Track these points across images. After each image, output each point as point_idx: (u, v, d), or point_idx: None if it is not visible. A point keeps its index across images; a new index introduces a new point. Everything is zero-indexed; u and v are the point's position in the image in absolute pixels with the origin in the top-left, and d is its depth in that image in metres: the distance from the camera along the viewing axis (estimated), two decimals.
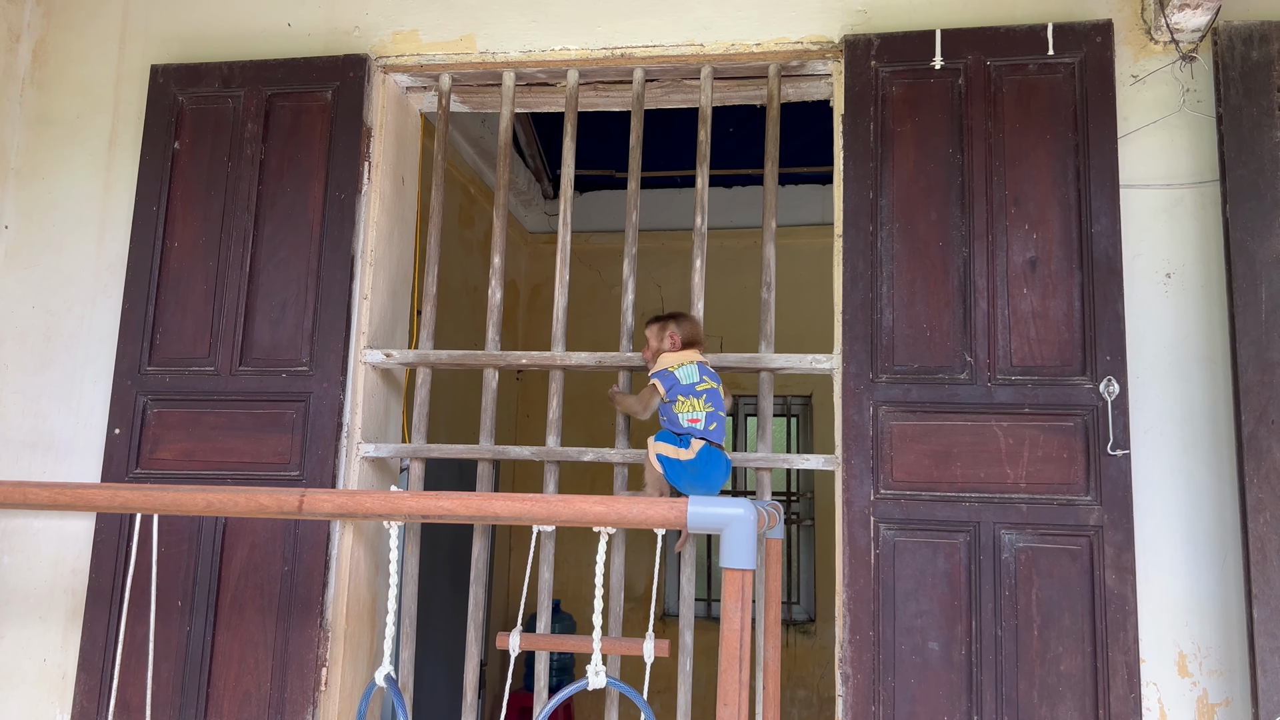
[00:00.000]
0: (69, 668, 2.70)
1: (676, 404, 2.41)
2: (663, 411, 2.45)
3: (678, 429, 2.40)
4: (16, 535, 2.80)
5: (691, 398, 2.44)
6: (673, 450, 2.39)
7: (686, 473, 2.38)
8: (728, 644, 1.43)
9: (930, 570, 2.40)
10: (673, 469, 2.39)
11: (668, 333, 2.51)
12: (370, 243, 2.81)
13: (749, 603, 1.45)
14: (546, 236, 6.57)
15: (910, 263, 2.52)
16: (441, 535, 3.85)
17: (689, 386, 2.44)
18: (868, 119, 2.60)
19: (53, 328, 2.89)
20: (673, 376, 2.44)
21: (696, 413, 2.43)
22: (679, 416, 2.40)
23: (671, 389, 2.43)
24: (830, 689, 5.89)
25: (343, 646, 2.63)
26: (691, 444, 2.39)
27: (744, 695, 1.43)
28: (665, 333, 2.51)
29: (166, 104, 2.86)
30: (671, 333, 2.50)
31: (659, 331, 2.53)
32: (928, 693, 2.35)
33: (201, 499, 1.52)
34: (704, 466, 2.38)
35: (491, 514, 1.53)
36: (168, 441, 2.69)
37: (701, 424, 2.42)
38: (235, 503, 1.52)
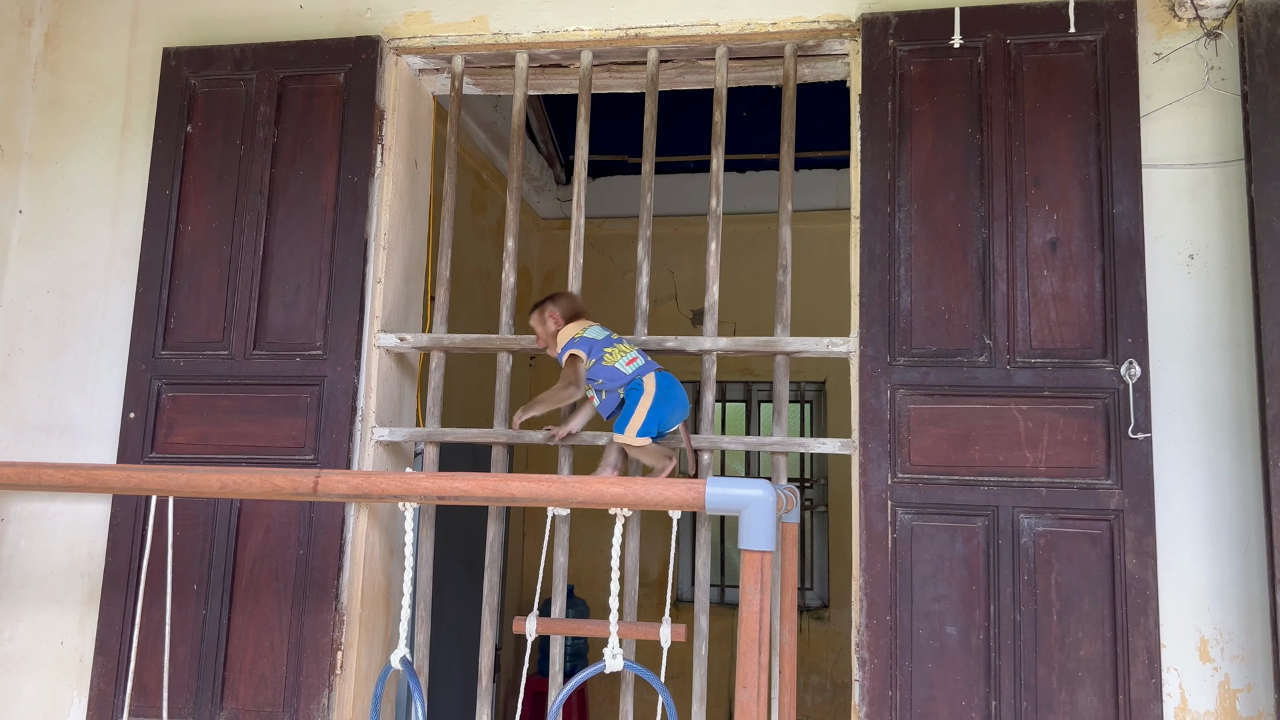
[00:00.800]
0: (86, 651, 2.71)
1: (606, 358, 2.41)
2: (597, 375, 2.42)
3: (622, 381, 2.39)
4: (33, 519, 2.81)
5: (616, 346, 2.45)
6: (640, 412, 2.37)
7: (662, 410, 2.38)
8: (747, 626, 1.41)
9: (948, 554, 2.38)
10: (652, 421, 2.37)
11: (547, 314, 2.52)
12: (383, 226, 2.79)
13: (769, 585, 1.43)
14: (559, 222, 6.55)
15: (929, 244, 2.49)
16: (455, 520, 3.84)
17: (605, 339, 2.46)
18: (885, 99, 2.57)
19: (67, 312, 2.89)
20: (583, 340, 2.45)
21: (630, 353, 2.45)
22: (616, 367, 2.40)
23: (591, 349, 2.44)
24: (844, 675, 5.89)
25: (358, 630, 2.63)
26: (644, 384, 2.39)
27: (764, 678, 1.41)
28: (545, 315, 2.53)
29: (179, 87, 2.85)
30: (550, 313, 2.52)
31: (539, 317, 2.54)
32: (945, 677, 2.33)
33: (216, 480, 1.52)
34: (669, 392, 2.41)
35: (508, 495, 1.51)
36: (182, 426, 2.68)
37: (640, 360, 2.44)
38: (250, 484, 1.51)
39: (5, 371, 2.88)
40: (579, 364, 2.44)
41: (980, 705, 2.31)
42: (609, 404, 2.43)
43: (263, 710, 2.54)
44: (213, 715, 2.54)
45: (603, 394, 2.43)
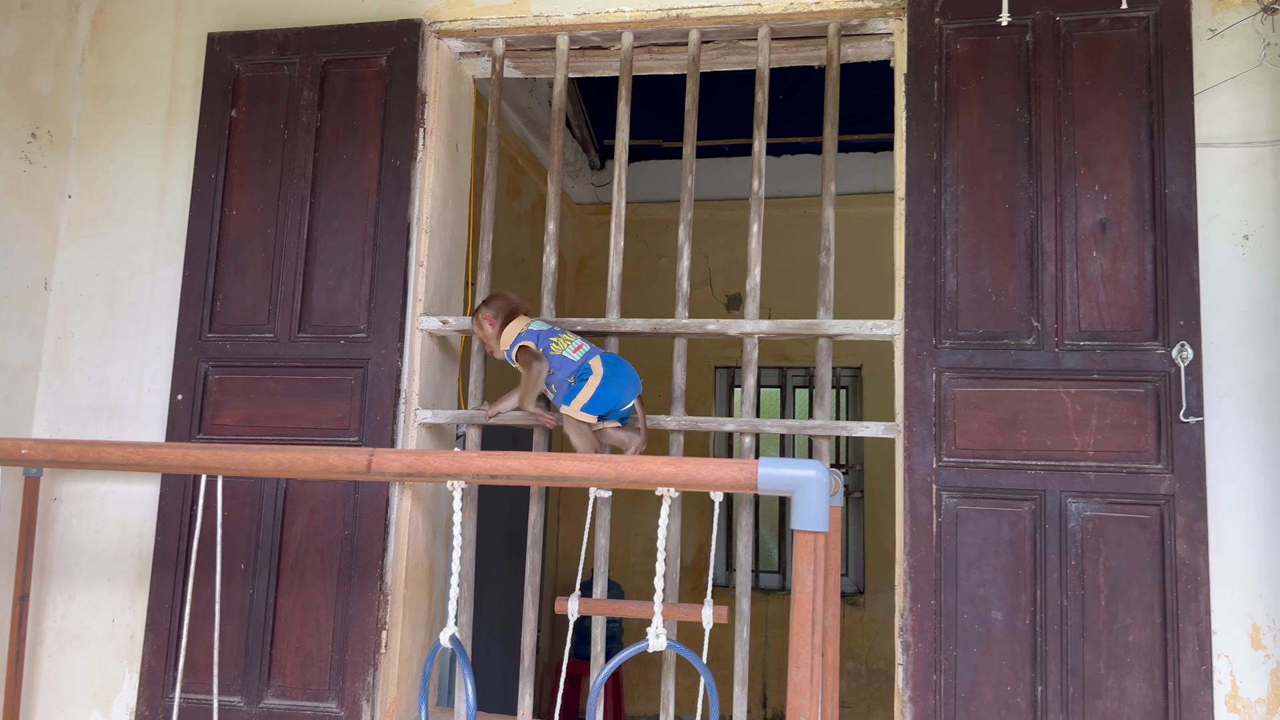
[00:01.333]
0: (137, 628, 2.76)
1: (553, 348, 2.48)
2: (554, 368, 2.49)
3: (572, 368, 2.46)
4: (85, 499, 2.86)
5: (560, 336, 2.52)
6: (587, 388, 2.45)
7: (613, 389, 2.45)
8: (800, 607, 1.41)
9: (994, 539, 2.36)
10: (601, 401, 2.44)
11: (482, 318, 2.58)
12: (425, 210, 2.80)
13: (821, 565, 1.42)
14: (594, 208, 6.55)
15: (975, 225, 2.47)
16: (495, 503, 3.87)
17: (549, 330, 2.53)
18: (931, 78, 2.54)
19: (116, 295, 2.93)
20: (529, 333, 2.52)
21: (574, 341, 2.52)
22: (564, 355, 2.47)
23: (538, 339, 2.50)
24: (878, 661, 5.87)
25: (401, 610, 2.66)
26: (591, 366, 2.46)
27: (817, 659, 1.41)
28: (480, 320, 2.58)
29: (223, 72, 2.87)
30: (485, 316, 2.57)
31: (476, 322, 2.60)
32: (991, 662, 2.32)
33: (271, 459, 1.53)
34: (616, 371, 2.47)
35: (560, 474, 1.52)
36: (229, 407, 2.72)
37: (585, 347, 2.51)
38: (304, 462, 1.53)
39: (56, 354, 2.93)
40: (533, 357, 2.51)
41: (1026, 690, 2.29)
42: (559, 393, 2.51)
43: (309, 688, 2.57)
44: (260, 693, 2.58)
45: (552, 387, 2.51)
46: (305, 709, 2.56)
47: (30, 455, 1.58)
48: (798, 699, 1.40)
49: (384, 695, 2.59)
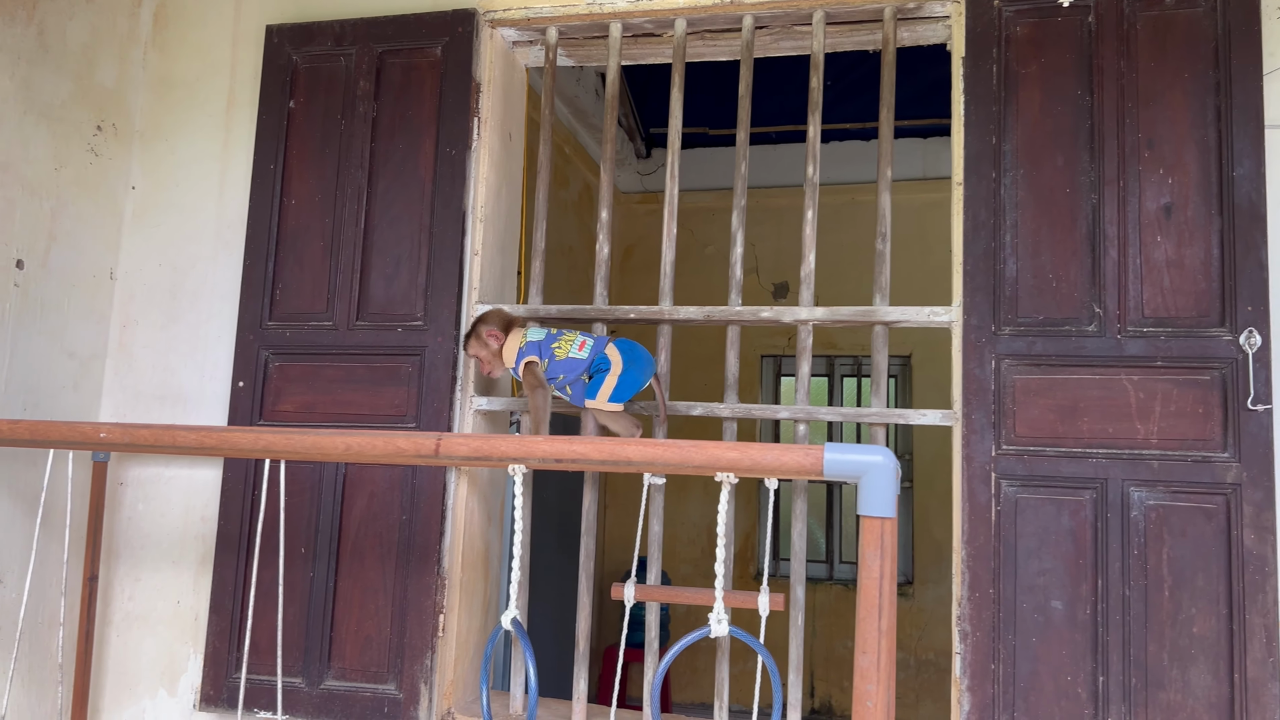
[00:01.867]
0: (201, 610, 2.82)
1: (557, 353, 2.48)
2: (556, 373, 2.49)
3: (583, 368, 2.46)
4: (150, 484, 2.92)
5: (560, 339, 2.52)
6: (610, 380, 2.44)
7: (634, 374, 2.45)
8: (866, 592, 1.41)
9: (1054, 528, 2.33)
10: (625, 388, 2.44)
11: (485, 335, 2.56)
12: (480, 199, 2.82)
13: (889, 551, 1.42)
14: (639, 196, 6.55)
15: (1035, 210, 2.43)
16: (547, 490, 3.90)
17: (547, 336, 2.52)
18: (990, 61, 2.50)
19: (178, 284, 2.99)
20: (530, 345, 2.52)
21: (576, 339, 2.51)
22: (571, 357, 2.47)
23: (540, 349, 2.50)
24: (928, 652, 5.84)
25: (458, 594, 2.69)
26: (608, 355, 2.46)
27: (884, 644, 1.41)
28: (484, 337, 2.56)
29: (281, 63, 2.91)
30: (489, 332, 2.55)
31: (479, 343, 2.58)
32: (1050, 652, 2.29)
33: (341, 442, 1.56)
34: (633, 356, 2.47)
35: (624, 459, 1.53)
36: (289, 394, 2.76)
37: (590, 340, 2.50)
38: (373, 446, 1.55)
39: (122, 342, 3.00)
40: (536, 368, 2.52)
41: (1087, 680, 2.27)
42: (578, 393, 2.51)
43: (369, 670, 2.62)
44: (321, 674, 2.63)
45: (567, 389, 2.51)
46: (364, 690, 2.60)
47: (108, 439, 1.62)
48: (864, 684, 1.40)
49: (441, 678, 2.63)
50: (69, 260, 2.85)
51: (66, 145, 2.83)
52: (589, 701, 2.70)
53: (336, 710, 2.60)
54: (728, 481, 1.89)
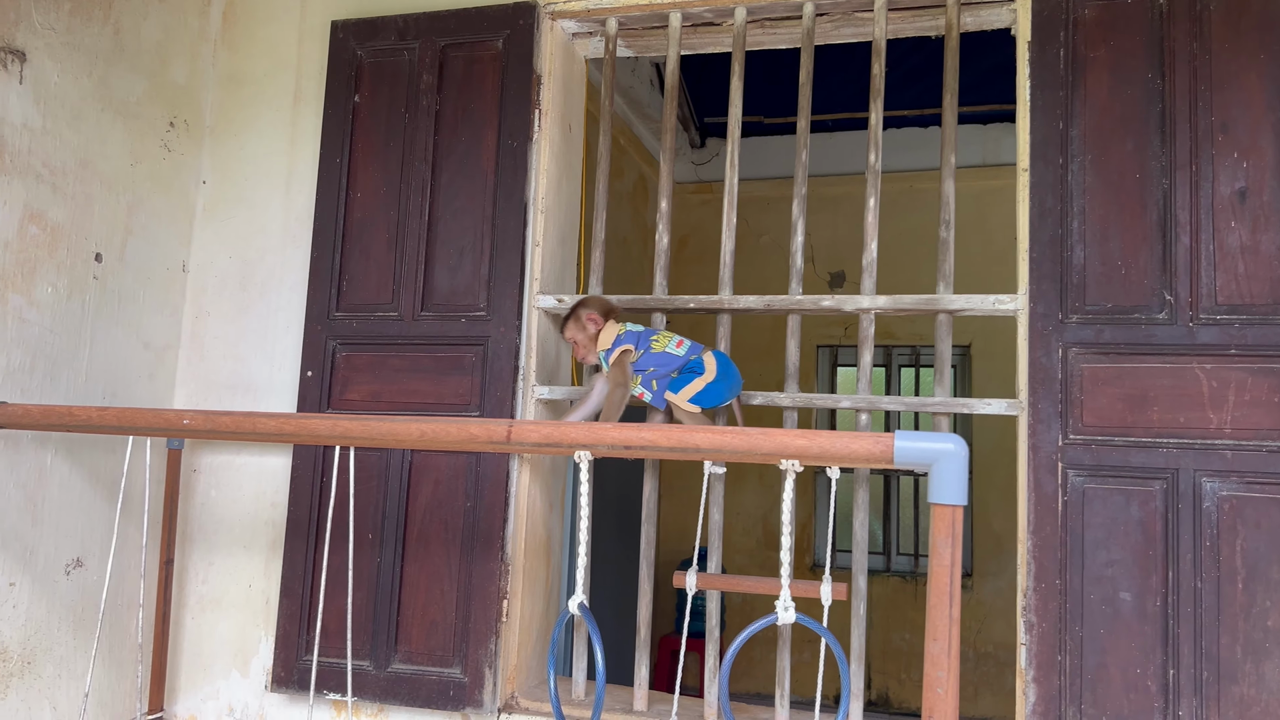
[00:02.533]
0: (272, 593, 2.90)
1: (654, 345, 2.47)
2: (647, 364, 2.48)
3: (676, 364, 2.45)
4: (222, 471, 3.01)
5: (660, 333, 2.52)
6: (698, 383, 2.45)
7: (721, 387, 2.45)
8: (937, 580, 1.41)
9: (1123, 518, 2.30)
10: (709, 395, 2.44)
11: (585, 318, 2.55)
12: (541, 190, 2.85)
13: (959, 539, 1.42)
14: (693, 186, 6.55)
15: (1103, 196, 2.39)
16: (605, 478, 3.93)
17: (646, 330, 2.52)
18: (1057, 45, 2.46)
19: (247, 276, 3.07)
20: (627, 334, 2.51)
21: (675, 337, 2.51)
22: (667, 352, 2.46)
23: (636, 341, 2.49)
24: (986, 644, 5.78)
25: (521, 580, 2.73)
26: (704, 361, 2.46)
27: (954, 632, 1.41)
28: (584, 320, 2.56)
29: (346, 59, 2.97)
30: (589, 315, 2.55)
31: (577, 325, 2.57)
32: (1118, 644, 2.26)
33: (416, 429, 1.60)
34: (727, 371, 2.47)
35: (692, 445, 1.54)
36: (355, 383, 2.82)
37: (687, 344, 2.50)
38: (448, 432, 1.58)
39: (194, 333, 3.09)
40: (627, 360, 2.51)
41: (1156, 673, 2.23)
42: (660, 391, 2.50)
43: (434, 654, 2.67)
44: (388, 658, 2.69)
45: (653, 383, 2.50)
46: (430, 674, 2.65)
47: (192, 425, 1.67)
48: (935, 670, 1.40)
49: (505, 662, 2.67)
50: (144, 254, 2.93)
51: (141, 141, 2.92)
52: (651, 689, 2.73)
53: (403, 693, 2.65)
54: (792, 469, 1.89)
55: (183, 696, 2.96)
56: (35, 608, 2.59)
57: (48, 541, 2.62)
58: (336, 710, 2.80)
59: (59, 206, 2.63)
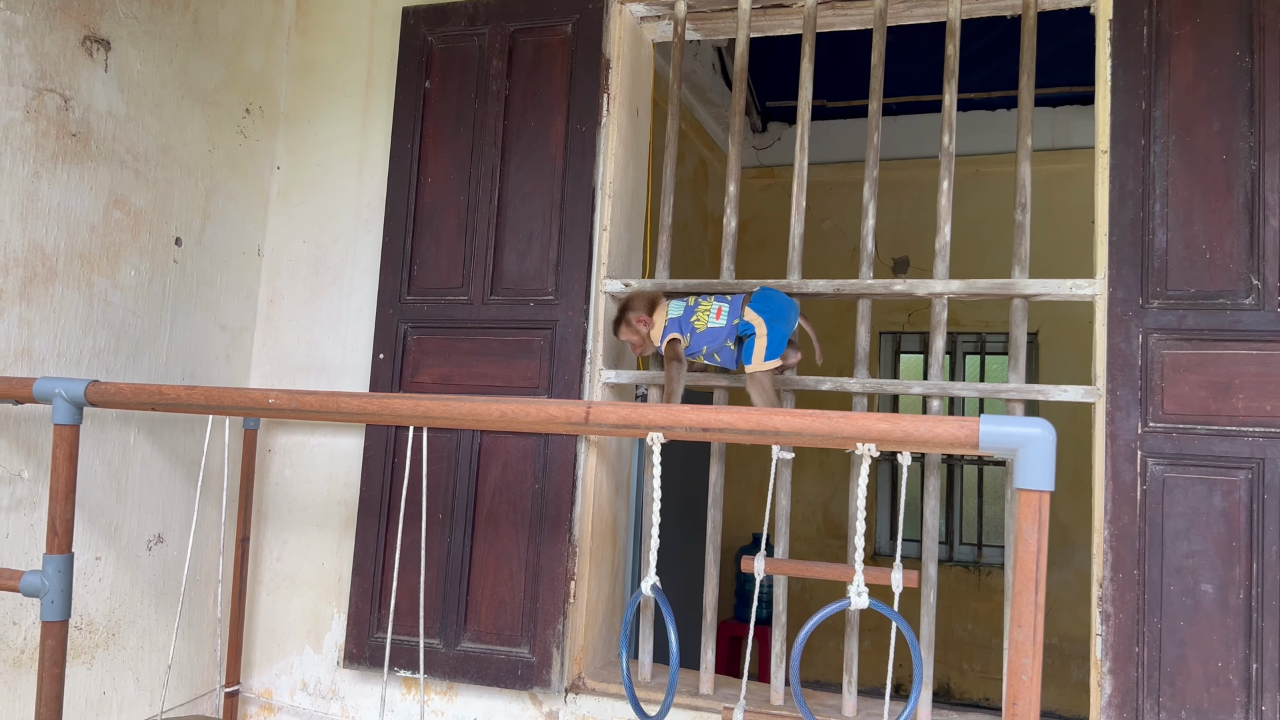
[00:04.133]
0: (344, 571, 2.96)
1: (698, 325, 2.49)
2: (699, 345, 2.50)
3: (726, 333, 2.46)
4: (295, 451, 3.07)
5: (697, 309, 2.52)
6: (759, 344, 2.43)
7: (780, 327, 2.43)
8: (1023, 567, 1.39)
9: (1204, 509, 2.24)
10: (776, 343, 2.42)
11: (636, 321, 2.58)
12: (609, 175, 2.85)
13: (1045, 526, 1.40)
14: (754, 171, 6.50)
15: (1187, 178, 2.33)
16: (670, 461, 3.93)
17: (686, 310, 2.53)
18: (1140, 23, 2.40)
19: (320, 261, 3.12)
20: (672, 322, 2.53)
21: (711, 307, 2.51)
22: (711, 327, 2.48)
23: (680, 325, 2.51)
24: (1052, 636, 5.69)
25: (588, 562, 2.75)
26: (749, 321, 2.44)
27: (1039, 619, 1.39)
28: (635, 323, 2.58)
29: (417, 45, 3.00)
30: (638, 319, 2.57)
31: (630, 329, 2.60)
32: (1199, 636, 2.21)
33: (496, 409, 1.61)
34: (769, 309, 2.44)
35: (771, 428, 1.54)
36: (426, 366, 2.86)
37: (725, 305, 2.50)
38: (526, 413, 1.60)
39: (269, 316, 3.15)
40: (678, 347, 2.53)
41: (1239, 667, 2.18)
42: (727, 358, 2.51)
43: (503, 634, 2.70)
44: (458, 636, 2.73)
45: (716, 355, 2.51)
46: (499, 653, 2.69)
47: (277, 404, 1.71)
48: (1019, 657, 1.39)
49: (572, 643, 2.70)
50: (221, 238, 3.00)
51: (219, 128, 2.98)
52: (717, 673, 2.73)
53: (472, 671, 2.69)
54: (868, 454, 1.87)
55: (258, 671, 3.04)
56: (120, 581, 2.67)
57: (131, 518, 2.70)
58: (407, 687, 2.85)
59: (141, 192, 2.70)
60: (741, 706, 2.34)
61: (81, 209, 2.51)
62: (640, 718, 1.93)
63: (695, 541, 4.22)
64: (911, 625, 2.53)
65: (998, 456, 1.54)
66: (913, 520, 6.23)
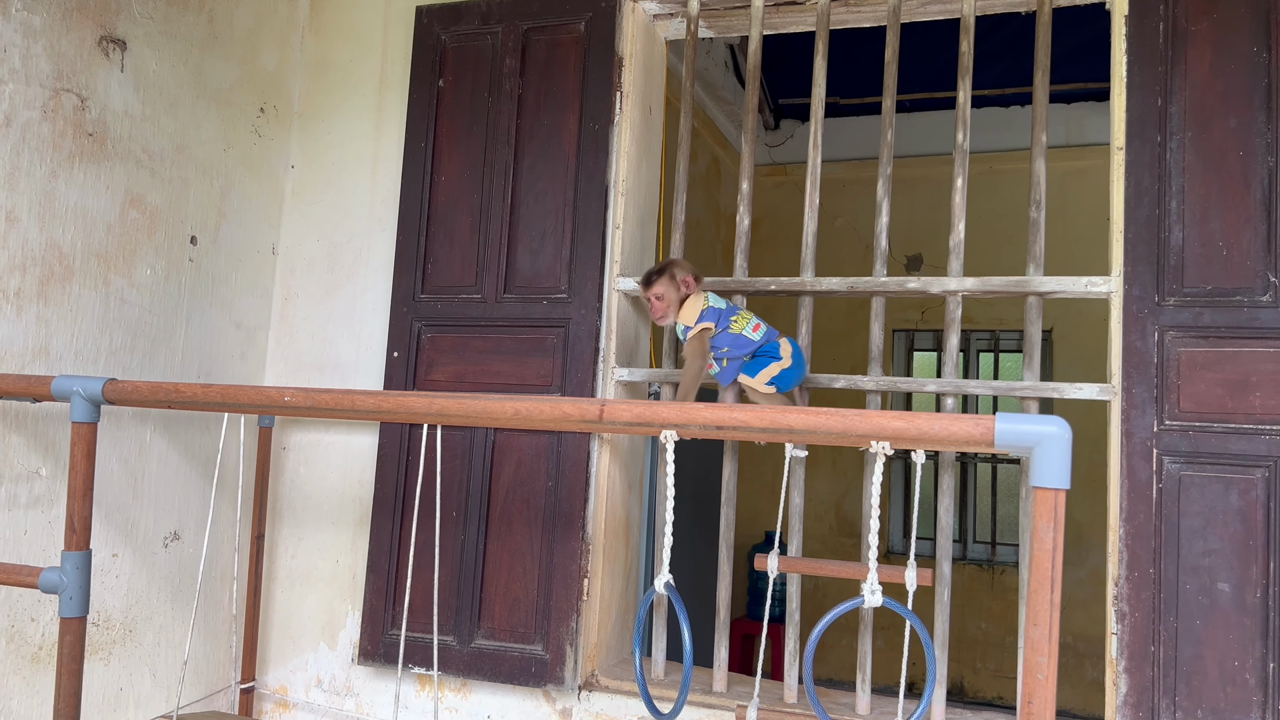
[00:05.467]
0: (359, 569, 2.97)
1: (733, 325, 2.44)
2: (722, 343, 2.45)
3: (749, 348, 2.44)
4: (310, 449, 3.08)
5: (739, 313, 2.48)
6: (774, 366, 2.44)
7: (792, 372, 2.46)
8: (1039, 565, 1.39)
9: (1221, 507, 2.23)
10: (783, 380, 2.45)
11: (679, 278, 2.47)
12: (622, 173, 2.86)
13: (1061, 524, 1.39)
14: (766, 169, 6.49)
15: (1204, 175, 2.32)
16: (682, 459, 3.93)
17: (728, 308, 2.48)
18: (1156, 19, 2.39)
19: (335, 259, 3.13)
20: (710, 310, 2.46)
21: (752, 320, 2.48)
22: (743, 335, 2.44)
23: (718, 319, 2.45)
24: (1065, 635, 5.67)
25: (601, 559, 2.75)
26: (780, 347, 2.45)
27: (1055, 617, 1.39)
28: (678, 280, 2.47)
29: (430, 44, 3.00)
30: (684, 277, 2.48)
31: (670, 282, 2.47)
32: (1215, 636, 2.20)
33: (510, 407, 1.62)
34: (798, 358, 2.48)
35: (785, 426, 1.54)
36: (440, 364, 2.87)
37: (763, 327, 2.48)
38: (541, 411, 1.60)
39: (284, 314, 3.16)
40: (706, 336, 2.46)
41: (1256, 667, 2.17)
42: (730, 371, 2.47)
43: (516, 630, 2.71)
44: (471, 634, 2.74)
45: (724, 361, 2.47)
46: (513, 650, 2.70)
47: (293, 402, 1.72)
48: (1035, 655, 1.38)
49: (586, 640, 2.70)
50: (236, 236, 3.01)
51: (233, 127, 2.99)
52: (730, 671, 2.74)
53: (486, 668, 2.70)
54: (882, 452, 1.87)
55: (273, 667, 3.06)
56: (136, 578, 2.69)
57: (147, 515, 2.72)
58: (421, 684, 2.86)
59: (157, 191, 2.71)
60: (755, 704, 2.34)
61: (98, 208, 2.53)
62: (654, 715, 1.93)
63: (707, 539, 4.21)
64: (925, 624, 2.52)
65: (1013, 455, 1.53)
66: (926, 518, 6.21)
